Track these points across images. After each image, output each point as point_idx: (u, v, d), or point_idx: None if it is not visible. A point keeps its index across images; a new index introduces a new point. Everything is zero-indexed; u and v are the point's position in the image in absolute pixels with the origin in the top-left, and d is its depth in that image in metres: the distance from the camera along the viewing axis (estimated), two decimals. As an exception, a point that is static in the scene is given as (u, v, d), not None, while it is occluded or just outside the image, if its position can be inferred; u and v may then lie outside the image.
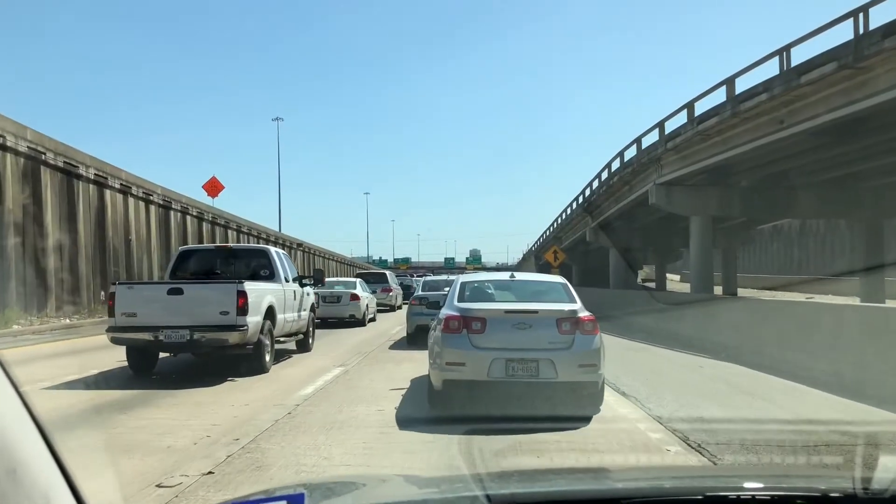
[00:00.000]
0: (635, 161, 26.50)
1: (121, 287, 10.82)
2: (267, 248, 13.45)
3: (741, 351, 12.38)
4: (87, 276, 25.74)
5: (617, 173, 29.73)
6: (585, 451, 5.85)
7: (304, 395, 8.82)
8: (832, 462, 5.04)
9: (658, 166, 24.49)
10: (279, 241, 53.73)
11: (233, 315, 10.27)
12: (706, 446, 6.00)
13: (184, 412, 7.89)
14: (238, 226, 45.37)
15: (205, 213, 39.48)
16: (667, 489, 1.91)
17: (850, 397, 8.31)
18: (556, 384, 7.45)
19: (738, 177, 23.74)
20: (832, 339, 10.06)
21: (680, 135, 21.81)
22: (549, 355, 7.33)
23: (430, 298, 14.25)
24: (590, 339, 7.55)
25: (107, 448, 6.00)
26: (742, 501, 1.68)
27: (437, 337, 7.87)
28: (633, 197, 29.14)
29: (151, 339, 10.36)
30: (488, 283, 9.05)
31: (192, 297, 10.49)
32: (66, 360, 12.26)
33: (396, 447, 6.19)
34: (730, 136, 19.97)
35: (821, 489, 1.80)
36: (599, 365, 7.57)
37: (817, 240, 51.79)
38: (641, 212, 34.03)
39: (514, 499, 1.77)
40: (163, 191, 34.13)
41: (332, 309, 21.14)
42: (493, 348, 7.41)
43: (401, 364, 11.98)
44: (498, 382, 7.39)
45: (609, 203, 33.74)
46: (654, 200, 24.49)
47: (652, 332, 17.30)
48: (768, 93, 16.78)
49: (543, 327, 7.52)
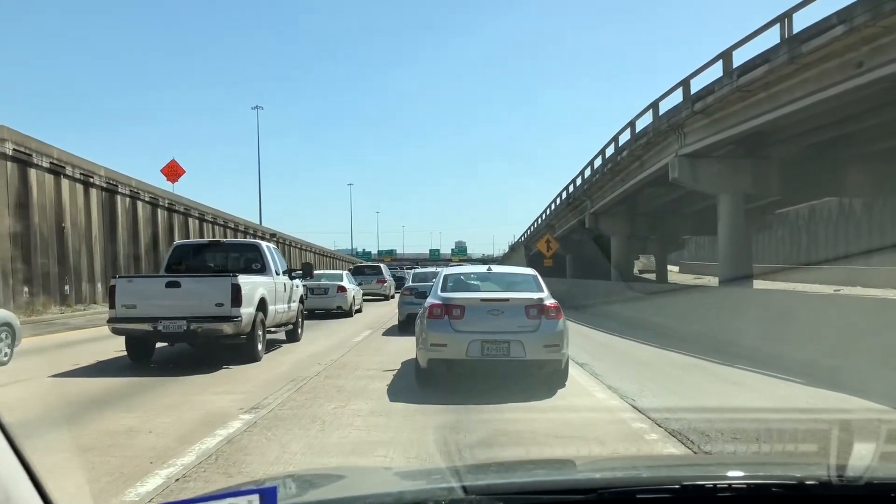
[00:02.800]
0: (651, 130, 22.50)
1: (121, 280, 11.42)
2: (258, 243, 14.07)
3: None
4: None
5: (626, 147, 25.71)
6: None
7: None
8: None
9: (680, 135, 20.56)
10: (249, 231, 49.86)
11: (227, 306, 10.82)
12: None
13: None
14: (201, 213, 41.18)
15: (160, 199, 35.29)
16: (644, 479, 1.94)
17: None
18: (525, 362, 8.43)
19: (776, 147, 19.86)
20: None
21: (713, 91, 17.84)
22: (519, 337, 8.35)
23: (420, 289, 15.81)
24: (554, 323, 8.58)
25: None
26: (719, 490, 1.67)
27: (422, 323, 8.88)
28: (644, 175, 25.21)
29: (150, 330, 10.87)
30: (468, 275, 10.42)
31: (189, 290, 11.05)
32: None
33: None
34: (779, 91, 16.07)
35: (796, 477, 1.80)
36: (562, 345, 8.58)
37: (829, 226, 48.20)
38: (651, 194, 30.21)
39: (491, 489, 1.77)
40: (106, 172, 29.98)
41: (320, 300, 21.60)
42: (470, 331, 8.41)
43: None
44: (475, 360, 8.39)
45: (614, 184, 29.78)
46: (677, 176, 20.55)
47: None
48: (845, 25, 12.84)
49: (514, 313, 8.53)
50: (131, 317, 10.89)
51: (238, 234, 47.45)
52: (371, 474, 2.71)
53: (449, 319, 8.52)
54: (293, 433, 6.41)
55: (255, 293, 11.56)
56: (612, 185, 30.33)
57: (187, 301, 10.88)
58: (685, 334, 14.29)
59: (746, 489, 1.71)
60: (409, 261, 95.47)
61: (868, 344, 9.10)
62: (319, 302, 21.46)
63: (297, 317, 14.61)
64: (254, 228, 51.10)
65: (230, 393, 8.58)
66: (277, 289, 12.93)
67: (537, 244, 46.26)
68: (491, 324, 8.45)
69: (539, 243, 42.11)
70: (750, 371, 10.00)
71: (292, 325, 14.32)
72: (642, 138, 23.39)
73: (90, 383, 9.37)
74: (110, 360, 11.61)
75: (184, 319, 10.73)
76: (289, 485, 2.06)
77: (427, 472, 2.63)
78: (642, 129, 23.71)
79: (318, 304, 21.35)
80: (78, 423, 6.76)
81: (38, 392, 8.92)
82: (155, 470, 5.21)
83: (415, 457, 5.54)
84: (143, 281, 12.68)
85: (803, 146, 19.77)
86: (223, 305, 10.80)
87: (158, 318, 10.73)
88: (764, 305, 13.33)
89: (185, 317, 10.75)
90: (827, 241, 47.93)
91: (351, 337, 15.52)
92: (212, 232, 42.70)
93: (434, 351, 8.52)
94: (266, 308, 12.01)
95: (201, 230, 41.09)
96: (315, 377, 9.73)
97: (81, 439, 6.09)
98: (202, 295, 10.95)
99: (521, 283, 9.68)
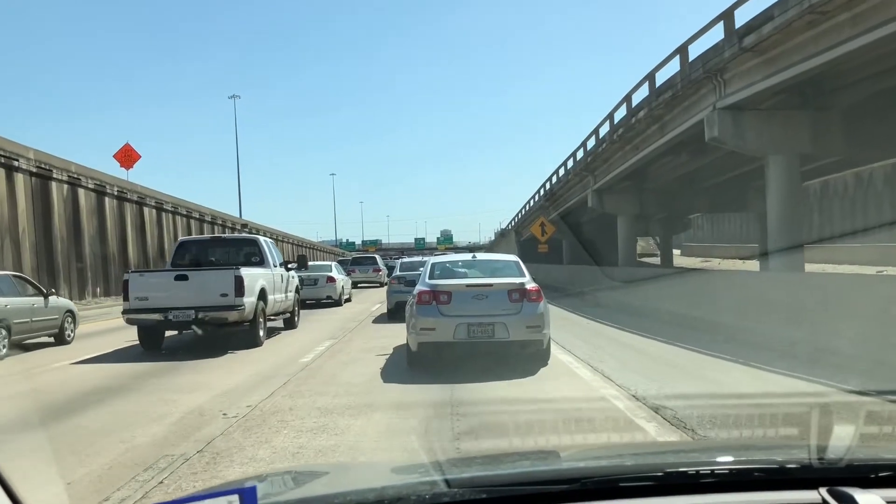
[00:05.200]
0: (678, 81, 18.44)
1: (133, 275, 12.46)
2: (257, 238, 14.89)
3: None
4: None
5: (643, 106, 21.67)
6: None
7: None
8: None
9: (718, 83, 16.59)
10: (217, 221, 45.71)
11: (231, 296, 11.82)
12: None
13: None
14: (159, 202, 36.95)
15: (107, 186, 31.02)
16: (627, 467, 1.93)
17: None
18: (509, 342, 8.89)
19: (839, 95, 16.00)
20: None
21: (773, 17, 13.79)
22: (502, 319, 8.83)
23: (407, 278, 16.44)
24: (535, 305, 9.03)
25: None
26: (701, 476, 1.69)
27: (412, 309, 9.33)
28: (665, 139, 21.24)
29: (161, 319, 11.88)
30: (454, 263, 10.93)
31: (196, 282, 12.02)
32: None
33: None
34: (869, 10, 12.14)
35: (778, 461, 1.84)
36: (543, 326, 9.03)
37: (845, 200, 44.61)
38: (665, 165, 26.32)
39: (474, 482, 1.78)
40: (36, 155, 25.80)
41: (310, 291, 22.11)
42: (457, 315, 8.90)
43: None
44: (462, 342, 8.84)
45: (624, 153, 25.85)
46: (716, 134, 16.57)
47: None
48: None
49: (497, 297, 9.01)
50: (144, 308, 11.82)
51: (204, 225, 43.40)
52: (354, 470, 2.83)
53: (437, 305, 8.99)
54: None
55: (255, 284, 12.52)
56: (621, 156, 26.39)
57: (194, 292, 11.79)
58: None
59: (729, 474, 1.72)
60: (394, 250, 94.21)
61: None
62: (309, 292, 21.89)
63: (294, 305, 15.64)
64: (222, 218, 46.92)
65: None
66: (275, 280, 13.89)
67: (531, 228, 42.36)
68: (476, 308, 8.90)
69: (533, 227, 38.21)
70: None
71: (289, 313, 15.33)
72: (666, 92, 19.33)
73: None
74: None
75: (192, 309, 11.70)
76: (270, 483, 2.12)
77: (411, 467, 2.43)
78: (665, 81, 19.66)
79: (309, 294, 21.78)
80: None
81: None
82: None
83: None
84: (153, 275, 13.85)
85: (872, 93, 15.84)
86: (227, 295, 11.74)
87: (169, 309, 11.72)
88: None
89: (193, 306, 11.71)
90: (843, 218, 44.43)
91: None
92: (172, 223, 38.55)
93: (424, 335, 8.98)
94: (266, 297, 12.96)
95: (160, 221, 36.90)
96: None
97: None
98: (208, 286, 11.84)
99: (504, 268, 10.21)
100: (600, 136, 28.44)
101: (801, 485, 1.65)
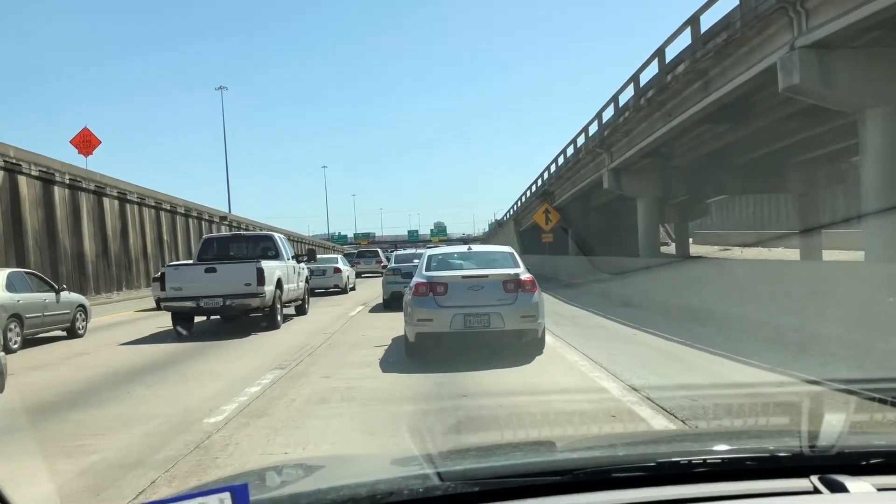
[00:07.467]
0: (737, 19, 14.51)
1: (169, 269, 14.56)
2: (272, 234, 17.14)
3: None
4: None
5: (683, 59, 17.76)
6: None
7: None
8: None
9: (797, 13, 12.72)
10: (192, 213, 41.80)
11: (254, 285, 13.53)
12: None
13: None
14: (122, 192, 32.87)
15: (55, 174, 27.08)
16: (620, 458, 1.92)
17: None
18: (504, 332, 9.04)
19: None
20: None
21: None
22: (498, 309, 8.99)
23: (402, 270, 17.38)
24: (529, 295, 9.16)
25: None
26: (694, 465, 1.69)
27: (409, 300, 9.55)
28: (710, 99, 17.38)
29: (194, 306, 13.69)
30: (450, 255, 11.01)
31: (224, 274, 13.74)
32: None
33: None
34: None
35: (769, 449, 1.82)
36: (538, 316, 9.18)
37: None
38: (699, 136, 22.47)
39: (466, 475, 1.75)
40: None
41: (319, 281, 24.09)
42: (453, 306, 9.04)
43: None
44: (459, 332, 8.98)
45: (651, 122, 22.01)
46: (797, 81, 12.68)
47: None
48: None
49: (493, 288, 9.14)
50: (178, 296, 13.65)
51: (177, 217, 39.47)
52: (346, 464, 2.77)
53: (433, 296, 9.16)
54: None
55: (273, 274, 14.26)
56: (647, 126, 22.53)
57: (222, 282, 13.58)
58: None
59: (721, 463, 1.72)
60: (387, 243, 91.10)
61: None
62: (318, 282, 23.99)
63: (304, 294, 17.55)
64: (197, 210, 42.96)
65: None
66: (289, 271, 15.68)
67: (533, 216, 38.51)
68: (472, 298, 9.08)
69: (536, 215, 34.42)
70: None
71: (301, 300, 17.19)
72: (718, 36, 15.43)
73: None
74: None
75: (220, 297, 13.54)
76: (262, 479, 2.14)
77: (403, 460, 2.42)
78: (717, 22, 15.76)
79: (318, 283, 23.73)
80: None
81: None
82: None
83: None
84: (187, 268, 14.90)
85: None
86: (251, 285, 13.54)
87: (200, 297, 13.54)
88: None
89: (222, 294, 13.54)
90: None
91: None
92: (139, 214, 34.53)
93: (421, 325, 9.18)
94: (282, 286, 14.78)
95: (122, 212, 32.84)
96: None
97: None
98: (234, 277, 13.63)
99: (499, 260, 10.34)
100: (620, 105, 24.55)
101: (792, 473, 1.65)
